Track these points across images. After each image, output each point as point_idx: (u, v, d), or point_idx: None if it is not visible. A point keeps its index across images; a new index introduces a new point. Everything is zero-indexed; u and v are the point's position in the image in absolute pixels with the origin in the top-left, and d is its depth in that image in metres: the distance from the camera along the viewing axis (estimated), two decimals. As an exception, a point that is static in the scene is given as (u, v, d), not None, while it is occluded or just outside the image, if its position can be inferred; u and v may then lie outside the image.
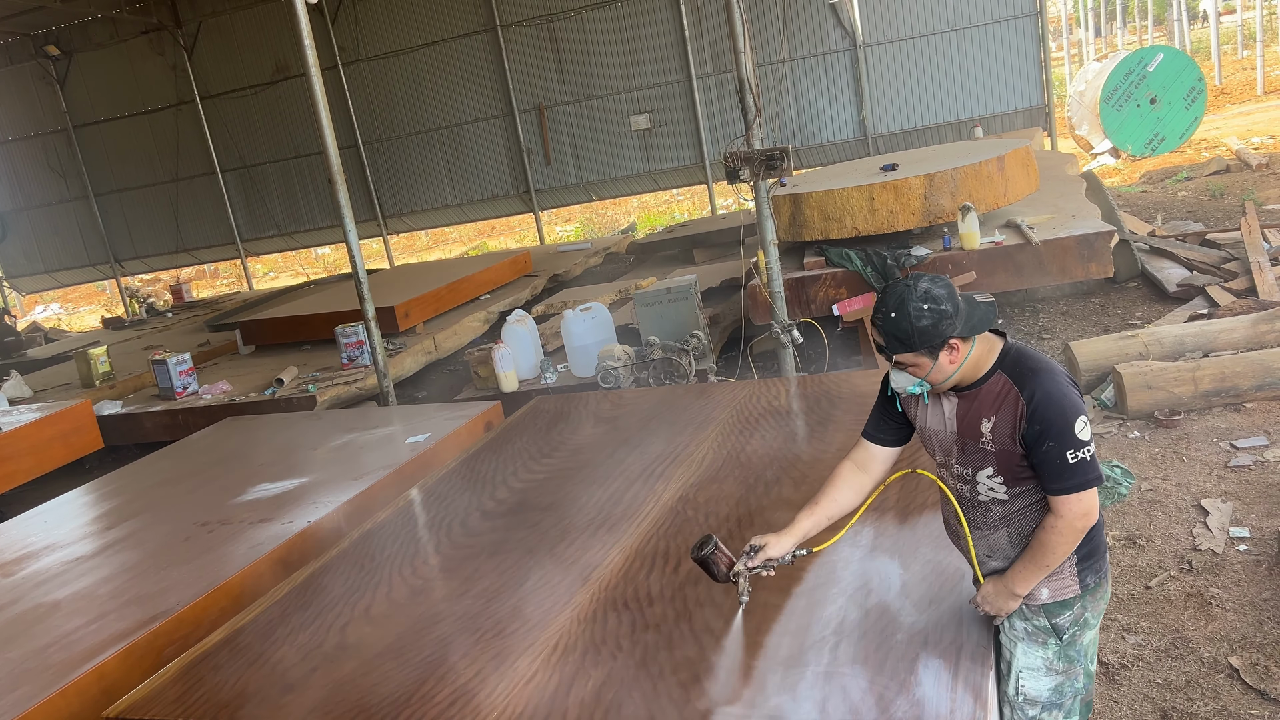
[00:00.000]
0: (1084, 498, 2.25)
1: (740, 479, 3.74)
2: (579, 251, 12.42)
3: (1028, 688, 2.44)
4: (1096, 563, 2.39)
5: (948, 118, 12.80)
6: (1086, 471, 2.23)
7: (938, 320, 2.26)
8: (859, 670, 2.43)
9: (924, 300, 2.27)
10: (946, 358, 2.31)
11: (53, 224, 17.17)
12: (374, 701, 2.66)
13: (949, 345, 2.29)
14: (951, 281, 2.38)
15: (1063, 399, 2.24)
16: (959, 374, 2.33)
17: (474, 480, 4.29)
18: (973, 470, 2.40)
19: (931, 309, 2.26)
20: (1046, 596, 2.39)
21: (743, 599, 2.61)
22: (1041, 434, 2.23)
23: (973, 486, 2.42)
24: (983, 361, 2.34)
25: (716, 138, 13.59)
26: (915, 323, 2.27)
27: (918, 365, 2.33)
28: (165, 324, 13.13)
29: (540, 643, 2.82)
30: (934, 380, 2.35)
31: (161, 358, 8.10)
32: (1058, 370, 2.31)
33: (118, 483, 5.76)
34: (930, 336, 2.27)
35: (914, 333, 2.28)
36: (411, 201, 15.37)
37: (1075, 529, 2.27)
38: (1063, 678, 2.43)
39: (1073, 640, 2.42)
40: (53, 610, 4.06)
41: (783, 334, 5.80)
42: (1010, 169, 6.73)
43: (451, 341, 9.05)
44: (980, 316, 2.31)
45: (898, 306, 2.30)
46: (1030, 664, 2.43)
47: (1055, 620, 2.40)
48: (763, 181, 5.72)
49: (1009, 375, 2.31)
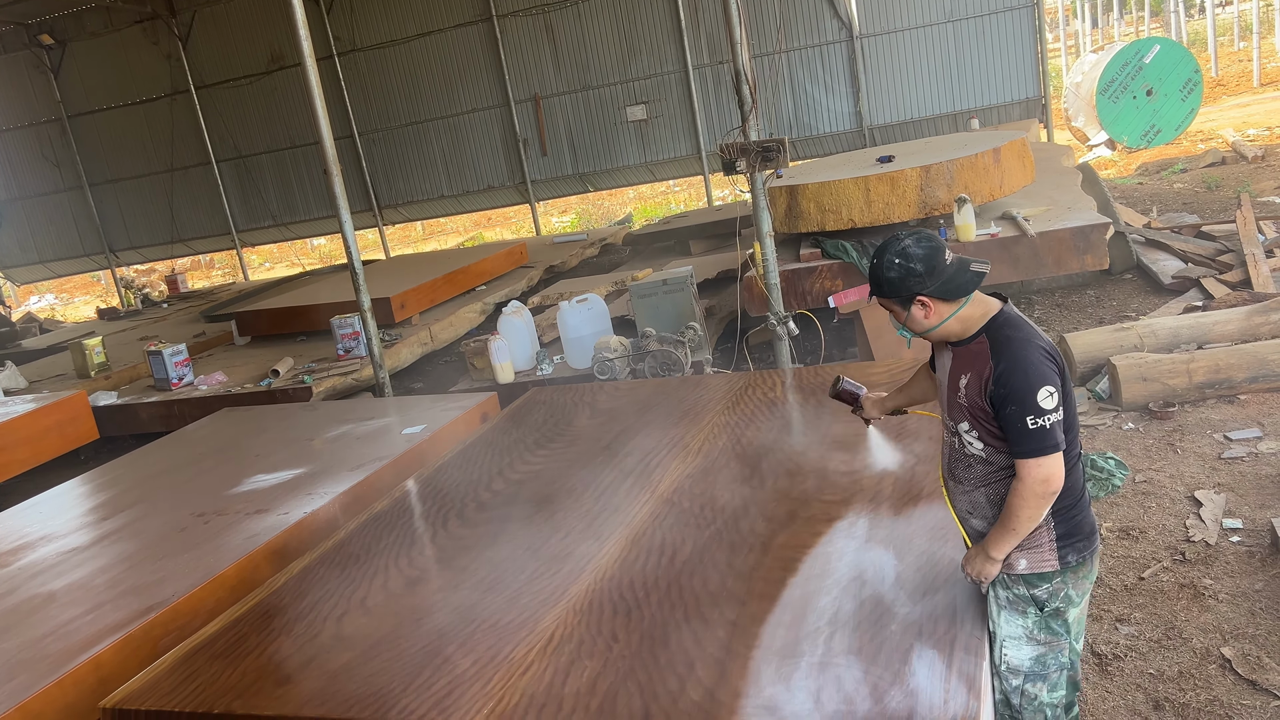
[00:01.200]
0: (1043, 464, 2.33)
1: (736, 471, 3.75)
2: (575, 243, 12.41)
3: (1010, 656, 2.51)
4: (1079, 542, 2.46)
5: (944, 109, 12.78)
6: (1044, 439, 2.32)
7: (904, 275, 2.40)
8: (853, 661, 2.44)
9: (897, 255, 2.42)
10: (920, 312, 2.45)
11: (47, 214, 17.11)
12: (370, 692, 2.67)
13: (919, 301, 2.43)
14: (942, 244, 2.46)
15: (1028, 366, 2.34)
16: (945, 329, 2.47)
17: (470, 472, 4.30)
18: (955, 423, 2.53)
19: (901, 264, 2.41)
20: (1025, 567, 2.47)
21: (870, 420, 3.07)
22: (1005, 398, 2.34)
23: (958, 439, 2.53)
24: (974, 322, 2.45)
25: (713, 129, 13.57)
26: (884, 272, 2.45)
27: (894, 311, 2.51)
28: (160, 315, 13.10)
29: (536, 633, 2.83)
30: (912, 329, 2.52)
31: (157, 348, 8.09)
32: (1035, 341, 2.40)
33: (113, 473, 5.76)
34: (897, 288, 2.43)
35: (883, 282, 2.46)
36: (407, 192, 15.33)
37: (1035, 494, 2.35)
38: (1044, 649, 2.50)
39: (1055, 614, 2.48)
40: (49, 601, 4.07)
41: (779, 326, 5.81)
42: (1006, 161, 6.74)
43: (448, 333, 9.04)
44: (960, 283, 2.42)
45: (878, 254, 2.49)
46: (1012, 633, 2.51)
47: (1034, 591, 2.48)
48: (759, 173, 5.72)
49: (989, 339, 2.42)
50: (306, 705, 2.66)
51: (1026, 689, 2.51)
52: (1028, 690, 2.51)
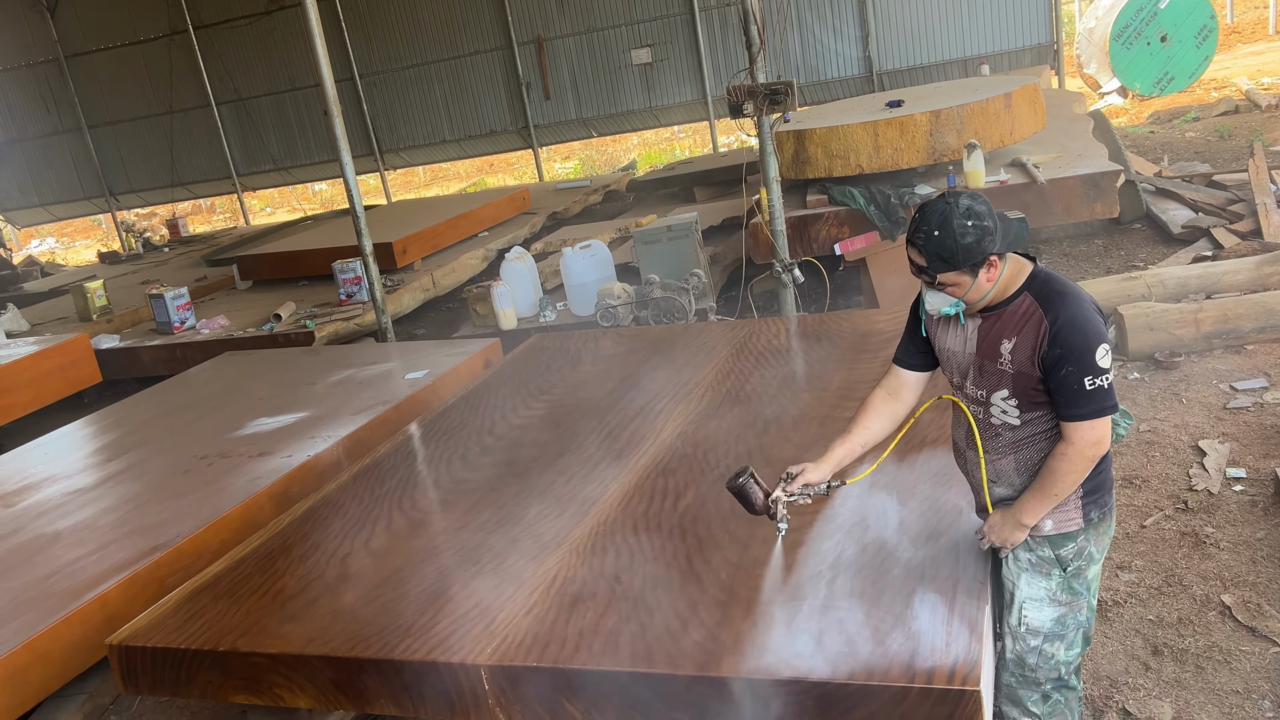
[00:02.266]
0: (1097, 425, 2.24)
1: (739, 416, 3.74)
2: (578, 189, 12.28)
3: (1030, 618, 2.46)
4: (1101, 497, 2.40)
5: (954, 55, 12.56)
6: (1102, 399, 2.22)
7: (981, 236, 2.23)
8: (855, 604, 2.45)
9: (967, 217, 2.23)
10: (985, 275, 2.29)
11: (46, 156, 16.95)
12: (374, 631, 2.69)
13: (989, 263, 2.27)
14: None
15: (1086, 324, 2.22)
16: (994, 292, 2.32)
17: (473, 416, 4.29)
18: (987, 392, 2.39)
19: (975, 225, 2.23)
20: (1050, 528, 2.39)
21: (781, 527, 2.58)
22: (1062, 358, 2.22)
23: (986, 409, 2.41)
24: (1010, 282, 2.33)
25: (719, 73, 13.35)
26: (960, 240, 2.24)
27: (958, 284, 2.31)
28: (162, 259, 13.04)
29: (539, 575, 2.84)
30: (970, 299, 2.33)
31: (158, 292, 8.05)
32: (1084, 296, 2.29)
33: (117, 415, 5.77)
34: (974, 254, 2.24)
35: (958, 250, 2.24)
36: (409, 137, 15.16)
37: (1086, 457, 2.26)
38: (1065, 609, 2.45)
39: (1077, 573, 2.43)
40: (54, 540, 4.09)
41: (784, 273, 5.76)
42: (1017, 106, 6.62)
43: (450, 278, 9.00)
44: (1015, 233, 2.30)
45: (941, 224, 2.25)
46: (1034, 594, 2.45)
47: (1059, 551, 2.41)
48: (766, 117, 5.62)
49: (1035, 297, 2.29)
50: (310, 644, 2.67)
51: (1044, 649, 2.46)
52: (1045, 650, 2.46)
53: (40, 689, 3.42)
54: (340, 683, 2.63)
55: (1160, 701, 2.99)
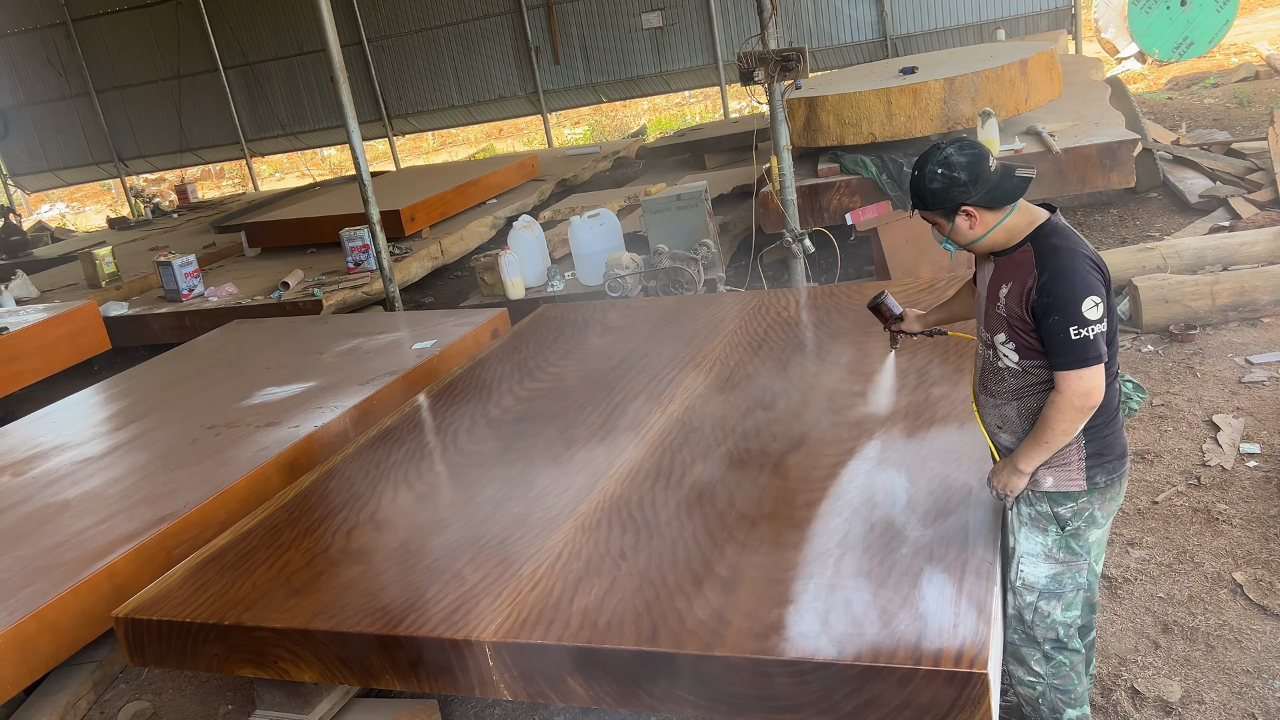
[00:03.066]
0: (1084, 375, 2.27)
1: (748, 391, 3.71)
2: (587, 156, 12.18)
3: (1026, 572, 2.49)
4: (1109, 462, 2.42)
5: (970, 19, 12.34)
6: (1087, 350, 2.26)
7: (948, 185, 2.33)
8: (862, 583, 2.43)
9: (941, 164, 2.34)
10: (964, 223, 2.38)
11: (55, 121, 16.88)
12: (379, 606, 2.68)
13: (964, 212, 2.35)
14: (986, 151, 2.37)
15: (1074, 276, 2.27)
16: (990, 239, 2.39)
17: (480, 388, 4.27)
18: (991, 334, 2.46)
19: (944, 174, 2.33)
20: (1051, 485, 2.43)
21: (894, 346, 3.00)
22: (1049, 307, 2.28)
23: (994, 351, 2.47)
24: (1019, 231, 2.38)
25: (730, 38, 13.16)
26: (927, 184, 2.37)
27: (937, 224, 2.43)
28: (170, 224, 13.01)
29: (545, 550, 2.82)
30: (957, 240, 2.44)
31: (167, 259, 8.03)
32: (1081, 251, 2.33)
33: (125, 384, 5.77)
34: (941, 199, 2.36)
35: (926, 193, 2.38)
36: (417, 102, 15.02)
37: (1074, 407, 2.30)
38: (1062, 568, 2.47)
39: (1076, 533, 2.45)
40: (63, 509, 4.11)
41: (794, 243, 5.70)
42: (1033, 74, 6.50)
43: (458, 246, 8.95)
44: (1004, 190, 2.34)
45: (920, 165, 2.39)
46: (1030, 549, 2.48)
47: (1057, 509, 2.44)
48: (778, 84, 5.53)
49: (1035, 247, 2.35)
50: (316, 618, 2.67)
51: (1040, 605, 2.49)
52: (1041, 607, 2.49)
53: (49, 658, 3.43)
54: (345, 657, 2.63)
55: (1170, 680, 2.97)
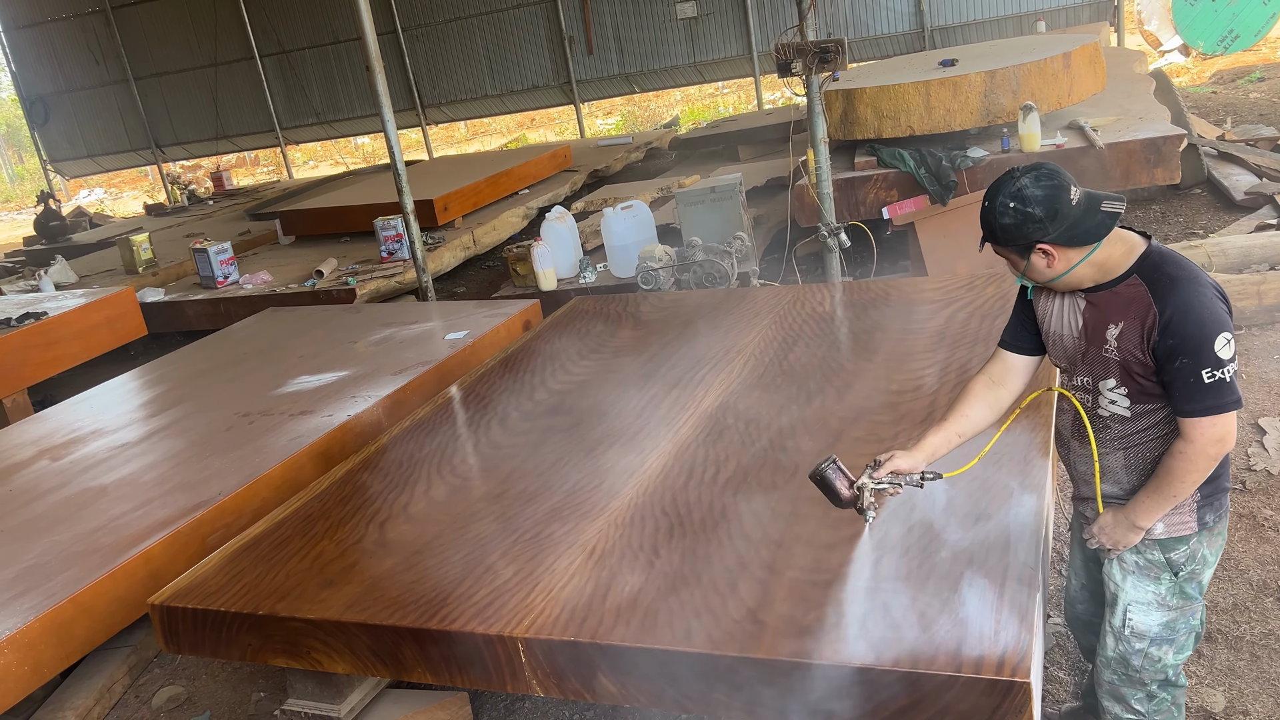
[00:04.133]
0: (1219, 422, 2.07)
1: (782, 388, 3.67)
2: (620, 146, 12.14)
3: (1136, 621, 2.34)
4: (1216, 499, 2.26)
5: (1009, 10, 12.16)
6: (1223, 394, 2.05)
7: (1021, 222, 2.11)
8: (900, 587, 2.39)
9: (1014, 197, 2.12)
10: (1041, 262, 2.16)
11: (94, 108, 17.09)
12: (412, 599, 2.68)
13: (1040, 250, 2.14)
14: (1069, 177, 2.15)
15: (1202, 311, 2.05)
16: (1075, 276, 2.18)
17: (512, 380, 4.26)
18: (1094, 380, 2.25)
19: (1016, 209, 2.11)
20: (1161, 531, 2.26)
21: (869, 516, 2.41)
22: (1175, 349, 2.06)
23: (1094, 398, 2.27)
24: (1118, 263, 2.16)
25: (766, 29, 13.06)
26: (999, 218, 2.15)
27: (1011, 262, 2.23)
28: (206, 211, 13.13)
29: (578, 546, 2.81)
30: (1033, 279, 2.23)
31: (202, 246, 8.10)
32: (1203, 279, 2.11)
33: (161, 370, 5.83)
34: (1014, 236, 2.14)
35: (996, 229, 2.16)
36: (451, 91, 15.05)
37: (1207, 456, 2.10)
38: (1176, 614, 2.32)
39: (1190, 577, 2.30)
40: (100, 495, 4.15)
41: (830, 237, 5.64)
42: (1076, 67, 6.38)
43: (490, 237, 8.95)
44: (1089, 227, 2.11)
45: (991, 196, 2.17)
46: (1140, 598, 2.33)
47: (1170, 555, 2.28)
48: (815, 76, 5.47)
49: (1145, 281, 2.12)
50: (349, 610, 2.67)
51: (1151, 652, 2.34)
52: (1152, 653, 2.34)
53: (86, 642, 3.47)
54: (378, 650, 2.63)
55: (1213, 690, 2.91)
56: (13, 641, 3.22)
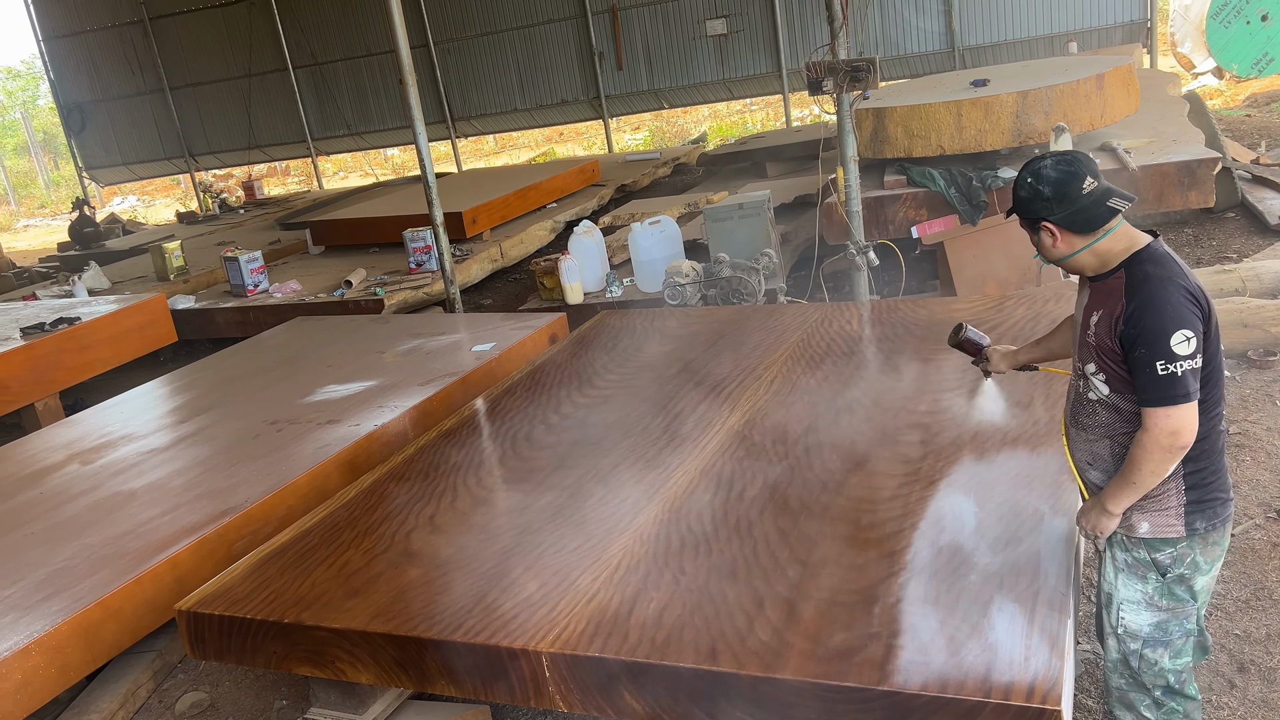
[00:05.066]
0: (1171, 414, 2.16)
1: (809, 406, 3.65)
2: (648, 161, 12.18)
3: (1128, 620, 2.40)
4: (1210, 507, 2.30)
5: (1041, 31, 12.13)
6: (1174, 386, 2.15)
7: (1032, 198, 2.30)
8: (929, 610, 2.36)
9: (1030, 175, 2.30)
10: (1047, 239, 2.33)
11: (130, 116, 17.36)
12: (437, 611, 2.68)
13: (1045, 228, 2.30)
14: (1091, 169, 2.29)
15: (1164, 307, 2.16)
16: (1079, 261, 2.32)
17: (539, 393, 4.27)
18: (1083, 364, 2.38)
19: (1030, 185, 2.30)
20: (1147, 530, 2.33)
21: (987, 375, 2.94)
22: (1136, 339, 2.18)
23: (1085, 382, 2.38)
24: (1114, 256, 2.29)
25: (795, 46, 13.08)
26: (1017, 190, 2.34)
27: (1026, 233, 2.40)
28: (237, 220, 13.28)
29: (603, 561, 2.80)
30: (1045, 256, 2.39)
31: (233, 254, 8.19)
32: (1177, 281, 2.20)
33: (191, 377, 5.88)
34: (1025, 210, 2.33)
35: (1015, 200, 2.36)
36: (481, 104, 15.17)
37: (1161, 447, 2.18)
38: (1167, 615, 2.37)
39: (1180, 580, 2.34)
40: (129, 499, 4.18)
41: (859, 255, 5.62)
42: (1109, 88, 6.34)
43: (517, 250, 9.00)
44: (1091, 216, 2.25)
45: (1020, 170, 2.36)
46: (1130, 596, 2.39)
47: (1155, 555, 2.34)
48: (846, 94, 5.47)
49: (1127, 274, 2.25)
50: (374, 620, 2.68)
51: (1146, 654, 2.39)
52: (1147, 655, 2.39)
53: (113, 645, 3.50)
54: (402, 660, 2.63)
55: (1245, 723, 2.85)
56: (41, 644, 3.25)
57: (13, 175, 26.16)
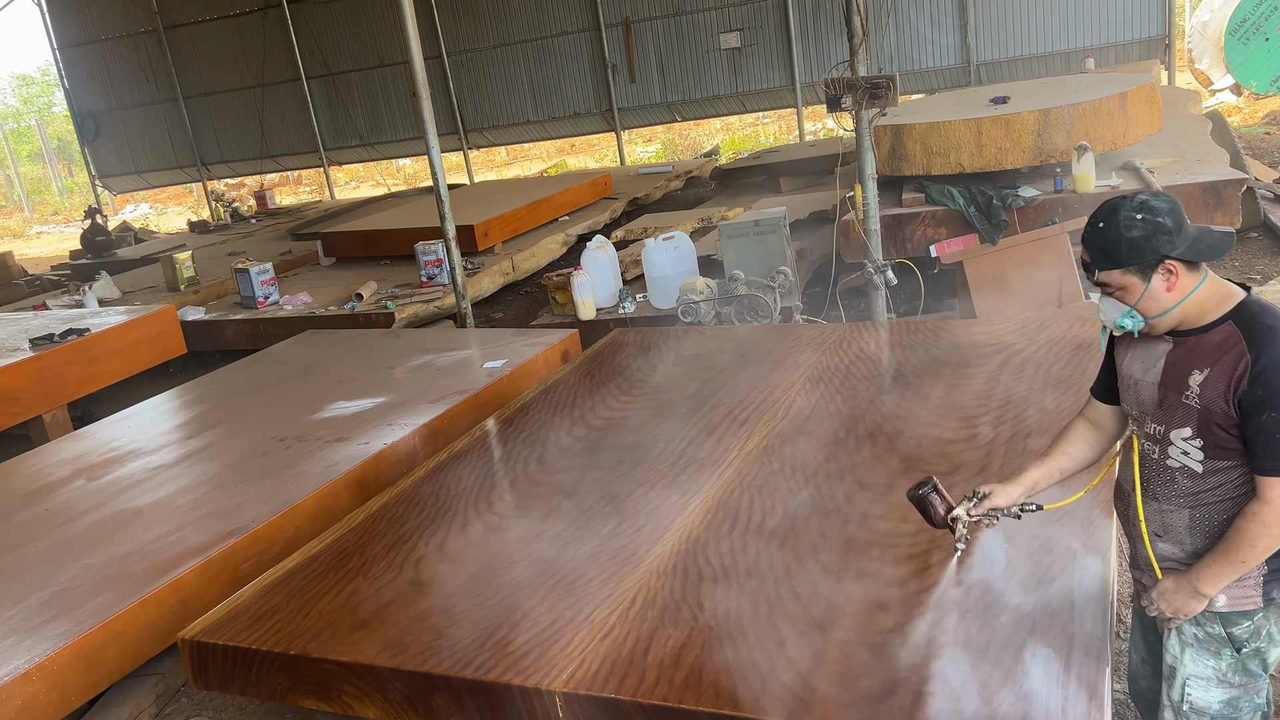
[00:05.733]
0: None
1: (829, 432, 3.56)
2: (660, 174, 12.13)
3: (1195, 697, 2.22)
4: None
5: (1057, 46, 12.06)
6: None
7: (1151, 233, 2.02)
8: (959, 654, 2.27)
9: (1139, 210, 2.04)
10: (1162, 283, 2.06)
11: (143, 125, 17.39)
12: (447, 645, 2.60)
13: (1165, 268, 2.04)
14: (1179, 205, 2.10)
15: None
16: (1181, 311, 2.08)
17: (551, 414, 4.19)
18: (1166, 428, 2.14)
19: (1145, 219, 2.03)
20: (1224, 604, 2.13)
21: (959, 546, 2.49)
22: (1264, 400, 1.96)
23: (1164, 448, 2.16)
24: (1212, 307, 2.07)
25: (809, 60, 13.04)
26: (1124, 233, 2.04)
27: (1125, 288, 2.09)
28: (249, 230, 13.26)
29: (618, 595, 2.71)
30: (1146, 310, 2.10)
31: (244, 266, 8.14)
32: None
33: (199, 391, 5.82)
34: (1140, 251, 2.03)
35: (1122, 244, 2.05)
36: (493, 116, 15.16)
37: None
38: (1238, 691, 2.20)
39: (1255, 654, 2.17)
40: (134, 518, 4.11)
41: (876, 274, 5.54)
42: (1133, 107, 6.26)
43: (529, 263, 8.94)
44: (1209, 244, 2.04)
45: (1107, 216, 2.08)
46: (1199, 672, 2.21)
47: (1232, 630, 2.16)
48: (865, 111, 5.39)
49: (1241, 328, 2.03)
50: (381, 654, 2.59)
51: None
52: None
53: (115, 670, 3.42)
54: (411, 696, 2.54)
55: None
56: (41, 669, 3.17)
57: (27, 182, 26.28)
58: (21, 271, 12.53)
